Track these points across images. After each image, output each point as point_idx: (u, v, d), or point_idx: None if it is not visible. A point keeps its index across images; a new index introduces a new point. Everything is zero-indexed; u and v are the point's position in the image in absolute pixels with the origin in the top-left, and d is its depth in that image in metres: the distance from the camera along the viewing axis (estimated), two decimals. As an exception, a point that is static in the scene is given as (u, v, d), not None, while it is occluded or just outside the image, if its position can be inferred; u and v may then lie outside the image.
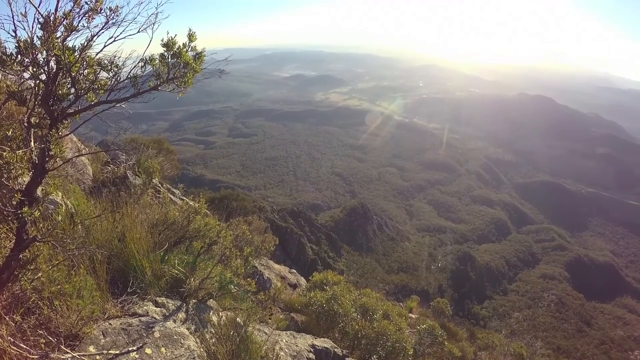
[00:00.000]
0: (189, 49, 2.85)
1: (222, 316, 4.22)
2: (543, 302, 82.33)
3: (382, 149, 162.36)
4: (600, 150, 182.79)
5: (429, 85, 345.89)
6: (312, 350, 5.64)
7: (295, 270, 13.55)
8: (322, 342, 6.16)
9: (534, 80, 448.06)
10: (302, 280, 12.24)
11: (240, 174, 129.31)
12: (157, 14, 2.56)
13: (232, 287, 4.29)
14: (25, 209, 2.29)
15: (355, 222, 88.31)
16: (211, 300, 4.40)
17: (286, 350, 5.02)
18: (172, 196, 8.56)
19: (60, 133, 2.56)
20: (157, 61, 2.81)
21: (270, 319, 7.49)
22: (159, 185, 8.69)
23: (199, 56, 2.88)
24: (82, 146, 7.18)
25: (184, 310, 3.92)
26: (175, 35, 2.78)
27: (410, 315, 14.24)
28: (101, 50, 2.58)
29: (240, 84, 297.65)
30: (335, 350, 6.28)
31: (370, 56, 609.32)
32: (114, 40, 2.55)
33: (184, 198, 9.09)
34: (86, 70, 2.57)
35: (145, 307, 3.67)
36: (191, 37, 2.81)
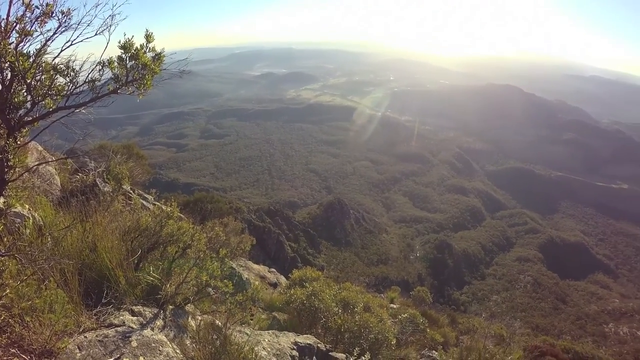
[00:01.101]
0: (147, 50, 2.74)
1: (201, 320, 4.17)
2: (520, 284, 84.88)
3: (356, 144, 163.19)
4: (567, 136, 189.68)
5: (400, 78, 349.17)
6: (295, 347, 5.63)
7: (274, 269, 13.50)
8: (305, 339, 6.16)
9: (501, 70, 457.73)
10: (282, 279, 12.21)
11: (214, 175, 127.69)
12: (113, 15, 2.48)
13: (210, 290, 4.24)
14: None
15: (332, 217, 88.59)
16: (189, 305, 4.33)
17: (269, 349, 5.00)
18: (144, 202, 8.39)
19: (18, 142, 2.46)
20: (116, 64, 2.73)
21: (251, 319, 7.44)
22: (131, 191, 8.50)
23: (158, 57, 2.80)
24: (48, 155, 6.95)
25: (161, 317, 3.84)
26: (133, 36, 2.70)
27: (392, 305, 14.39)
28: (58, 55, 2.48)
29: (210, 84, 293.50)
30: (319, 345, 6.28)
31: (340, 52, 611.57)
32: (71, 44, 2.46)
33: (157, 203, 8.92)
34: (43, 76, 2.48)
35: (121, 317, 3.58)
36: (149, 38, 2.73)
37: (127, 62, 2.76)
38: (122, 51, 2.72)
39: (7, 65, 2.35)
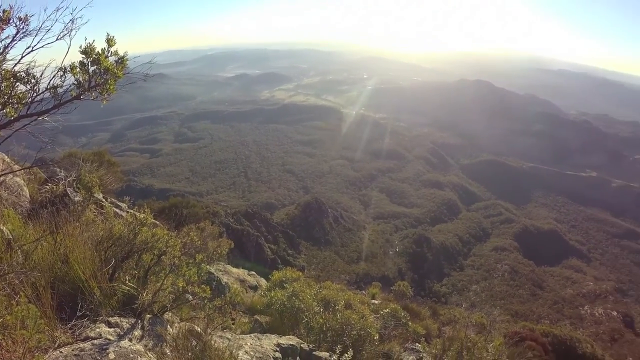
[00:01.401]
0: (110, 54, 2.66)
1: (180, 327, 4.10)
2: (497, 273, 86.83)
3: (331, 143, 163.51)
4: (536, 128, 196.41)
5: (373, 76, 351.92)
6: (278, 349, 5.61)
7: (254, 272, 13.41)
8: (288, 340, 6.15)
9: (472, 66, 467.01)
10: (263, 281, 12.13)
11: (190, 180, 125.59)
12: (74, 19, 2.41)
13: (189, 296, 4.17)
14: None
15: (310, 217, 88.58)
16: (167, 312, 4.26)
17: (251, 353, 4.96)
18: (117, 210, 8.20)
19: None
20: (78, 69, 2.65)
21: (233, 324, 7.38)
22: (103, 200, 8.30)
23: (121, 61, 2.72)
24: (15, 166, 6.72)
25: (139, 327, 3.76)
26: (94, 41, 2.63)
27: (373, 301, 14.49)
28: (18, 62, 2.39)
29: (183, 87, 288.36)
30: (302, 345, 6.28)
31: (313, 51, 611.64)
32: (32, 50, 2.38)
33: (130, 211, 8.74)
34: (2, 84, 2.38)
35: (97, 330, 3.49)
36: (110, 42, 2.66)
37: (89, 67, 2.68)
38: (84, 56, 2.66)
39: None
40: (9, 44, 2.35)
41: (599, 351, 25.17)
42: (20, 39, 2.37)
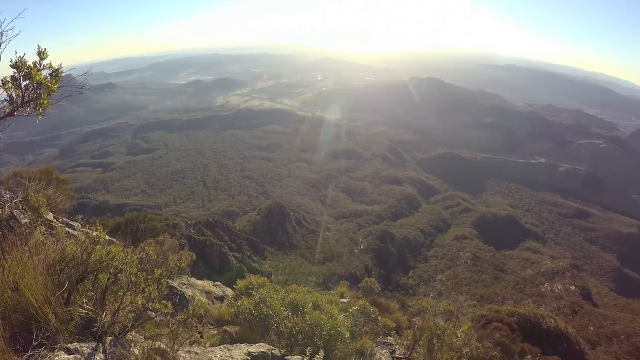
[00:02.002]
0: (42, 68, 2.53)
1: (143, 347, 3.96)
2: (460, 261, 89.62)
3: (289, 146, 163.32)
4: (487, 120, 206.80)
5: (327, 78, 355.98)
6: (248, 358, 5.54)
7: (220, 282, 13.16)
8: (258, 348, 6.07)
9: (422, 64, 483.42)
10: (229, 291, 11.92)
11: (146, 193, 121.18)
12: (2, 32, 2.27)
13: (151, 313, 4.03)
14: None
15: (273, 222, 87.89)
16: (130, 332, 4.10)
17: (221, 365, 4.87)
18: (70, 230, 7.83)
19: None
20: (10, 84, 2.51)
21: (201, 337, 7.22)
22: (54, 220, 7.89)
23: (55, 74, 2.60)
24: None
25: (100, 350, 3.60)
26: (25, 54, 2.49)
27: (342, 300, 14.56)
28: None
29: (134, 97, 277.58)
30: (273, 352, 6.22)
31: (267, 55, 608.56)
32: (-41, 67, 2.23)
33: (84, 229, 8.36)
34: None
35: (55, 358, 3.32)
36: (42, 54, 2.53)
37: (21, 81, 2.52)
38: (15, 70, 2.52)
39: None
40: None
41: (561, 324, 26.82)
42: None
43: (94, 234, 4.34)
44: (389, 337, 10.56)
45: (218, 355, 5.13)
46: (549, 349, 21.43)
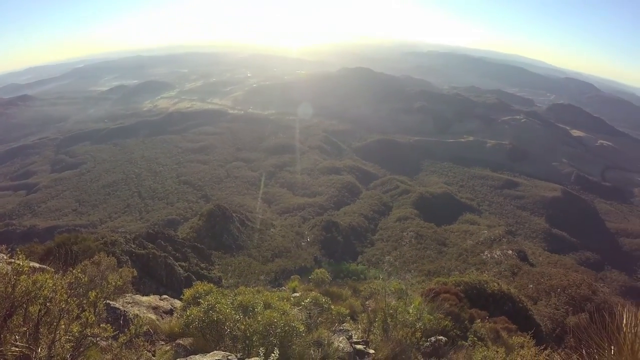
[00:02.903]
0: None
1: (87, 375, 3.69)
2: (405, 240, 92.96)
3: (224, 146, 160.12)
4: (416, 105, 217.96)
5: (257, 74, 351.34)
6: (204, 368, 5.37)
7: (167, 296, 12.64)
8: (213, 357, 5.91)
9: (350, 55, 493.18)
10: (177, 303, 11.48)
11: (78, 211, 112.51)
12: None
13: (91, 339, 3.75)
14: None
15: (216, 225, 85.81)
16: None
17: (175, 380, 4.68)
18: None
19: None
20: None
21: (154, 355, 6.92)
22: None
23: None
24: None
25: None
26: None
27: (295, 294, 14.55)
28: None
29: (53, 108, 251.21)
30: (229, 358, 6.09)
31: (193, 54, 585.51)
32: None
33: (12, 260, 7.66)
34: None
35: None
36: None
37: None
38: None
39: None
40: None
41: (504, 286, 29.10)
42: None
43: (17, 263, 3.93)
44: (344, 324, 10.72)
45: (171, 370, 4.93)
46: (495, 310, 23.12)
